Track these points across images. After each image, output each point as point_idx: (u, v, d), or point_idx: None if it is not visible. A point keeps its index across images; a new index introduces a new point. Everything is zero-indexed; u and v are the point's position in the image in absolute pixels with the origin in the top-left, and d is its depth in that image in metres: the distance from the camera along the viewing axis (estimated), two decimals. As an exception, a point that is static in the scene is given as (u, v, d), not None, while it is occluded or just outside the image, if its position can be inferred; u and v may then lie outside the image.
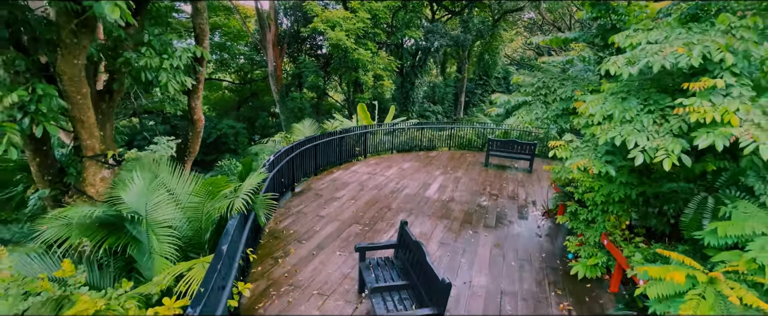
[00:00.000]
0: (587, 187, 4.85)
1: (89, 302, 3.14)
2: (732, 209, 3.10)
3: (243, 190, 4.38)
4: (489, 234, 6.43)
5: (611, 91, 3.34)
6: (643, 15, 4.56)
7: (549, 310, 4.39)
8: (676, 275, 2.80)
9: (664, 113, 2.89)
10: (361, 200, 7.81)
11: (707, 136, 2.42)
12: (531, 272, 5.24)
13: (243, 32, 25.89)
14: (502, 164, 11.57)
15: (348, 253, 5.50)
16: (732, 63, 2.60)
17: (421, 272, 3.73)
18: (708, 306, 2.65)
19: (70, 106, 4.61)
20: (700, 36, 2.81)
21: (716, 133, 2.38)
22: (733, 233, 2.82)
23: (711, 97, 2.59)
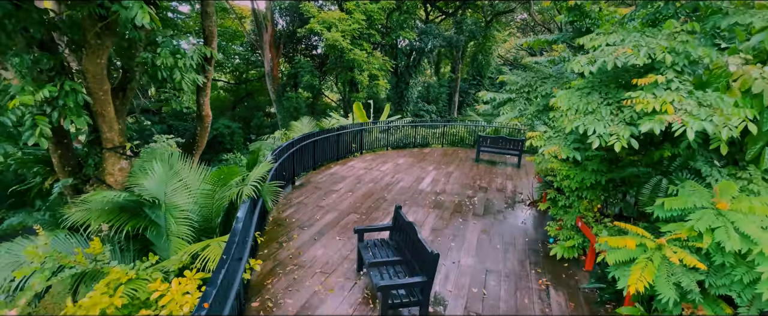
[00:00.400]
0: (564, 175, 5.34)
1: (120, 273, 3.56)
2: (680, 188, 3.60)
3: (251, 179, 4.82)
4: (477, 222, 6.92)
5: (578, 87, 3.82)
6: (613, 20, 5.07)
7: (529, 285, 4.87)
8: (628, 242, 3.30)
9: (619, 105, 3.37)
10: (358, 192, 8.27)
11: (649, 122, 2.91)
12: (514, 253, 5.73)
13: (239, 32, 26.23)
14: (492, 160, 12.08)
15: (347, 238, 5.95)
16: (672, 62, 3.09)
17: (413, 248, 4.20)
18: (654, 267, 3.15)
19: (93, 102, 5.03)
20: (649, 39, 3.30)
21: (654, 120, 2.87)
22: (677, 207, 3.32)
23: (654, 91, 3.08)
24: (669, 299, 3.08)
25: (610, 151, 4.92)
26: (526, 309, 4.37)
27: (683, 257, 3.07)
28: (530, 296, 4.64)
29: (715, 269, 3.26)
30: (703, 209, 3.26)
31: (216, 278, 2.86)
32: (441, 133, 14.63)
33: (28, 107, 4.27)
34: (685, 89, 3.07)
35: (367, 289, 4.61)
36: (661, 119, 2.83)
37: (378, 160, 11.44)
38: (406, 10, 21.51)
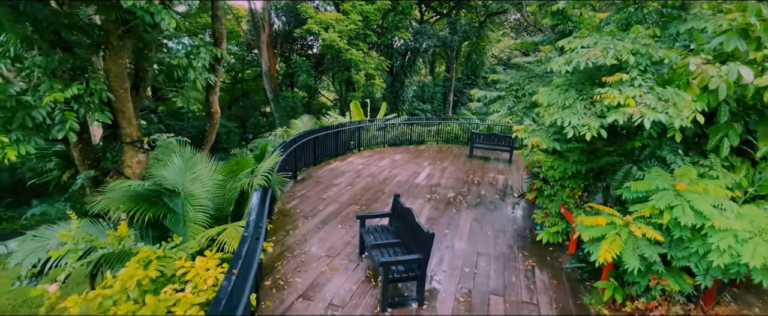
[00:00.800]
0: (548, 166, 5.81)
1: (148, 252, 3.96)
2: (646, 173, 4.07)
3: (262, 170, 5.23)
4: (470, 212, 7.38)
5: (557, 84, 4.28)
6: (592, 23, 5.54)
7: (516, 266, 5.34)
8: (600, 221, 3.76)
9: (591, 100, 3.83)
10: (357, 185, 8.70)
11: (614, 114, 3.37)
12: (504, 239, 6.20)
13: (236, 32, 26.50)
14: (485, 156, 12.56)
15: (348, 227, 6.38)
16: (636, 62, 3.56)
17: (410, 231, 4.64)
18: (622, 241, 3.62)
19: (115, 99, 5.41)
20: (617, 42, 3.76)
21: (618, 112, 3.32)
22: (642, 189, 3.79)
23: (620, 87, 3.53)
24: (634, 267, 3.54)
25: (589, 143, 5.41)
26: (513, 286, 4.83)
27: (646, 232, 3.54)
28: (517, 275, 5.10)
29: (675, 242, 3.73)
30: (665, 191, 3.73)
31: (240, 250, 3.28)
32: (436, 131, 15.10)
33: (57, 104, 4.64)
34: (646, 86, 3.54)
35: (368, 269, 5.04)
36: (623, 112, 3.29)
37: (375, 156, 11.87)
38: (401, 11, 21.95)
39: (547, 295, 4.66)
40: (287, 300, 4.30)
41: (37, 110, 4.39)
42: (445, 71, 32.62)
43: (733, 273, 3.41)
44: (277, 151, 6.30)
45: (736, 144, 4.13)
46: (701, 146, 4.63)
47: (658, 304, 4.04)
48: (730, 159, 4.47)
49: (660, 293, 4.05)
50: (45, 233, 4.77)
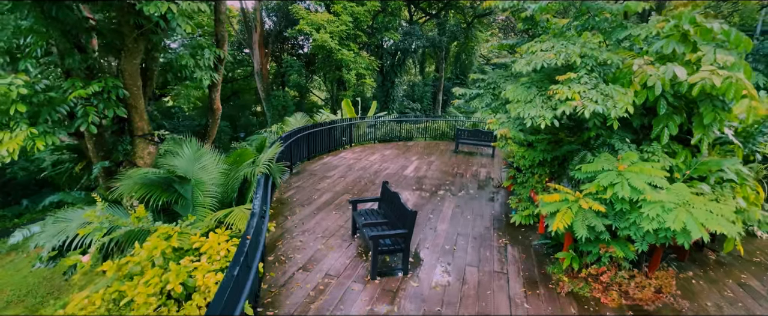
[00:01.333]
0: (520, 155, 6.50)
1: (167, 228, 4.53)
2: (597, 158, 4.77)
3: (264, 159, 5.82)
4: (453, 199, 8.05)
5: (522, 82, 4.95)
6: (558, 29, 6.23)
7: (491, 243, 6.02)
8: (555, 197, 4.45)
9: (548, 96, 4.50)
10: (349, 177, 9.32)
11: (563, 106, 4.04)
12: (481, 222, 6.88)
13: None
14: (470, 151, 13.27)
15: (341, 213, 6.99)
16: (583, 63, 4.24)
17: (397, 211, 5.28)
18: (572, 213, 4.30)
19: (129, 95, 5.93)
20: (568, 46, 4.44)
21: (566, 105, 4.00)
22: (590, 170, 4.48)
23: (570, 84, 4.22)
24: (583, 235, 4.23)
25: (554, 134, 6.12)
26: (487, 260, 5.50)
27: (591, 205, 4.23)
28: (491, 251, 5.78)
29: (617, 215, 4.43)
30: (609, 171, 4.43)
31: (251, 221, 3.87)
32: (424, 128, 15.78)
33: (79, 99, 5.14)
34: (591, 83, 4.22)
35: (359, 247, 5.67)
36: (570, 104, 3.97)
37: (366, 151, 12.50)
38: (390, 12, 22.58)
39: (515, 266, 5.35)
40: (288, 271, 4.91)
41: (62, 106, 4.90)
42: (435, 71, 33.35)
43: (662, 237, 4.11)
44: (277, 142, 6.88)
45: (675, 133, 4.84)
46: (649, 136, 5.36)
47: (607, 269, 4.75)
48: (672, 146, 5.20)
49: (609, 259, 4.76)
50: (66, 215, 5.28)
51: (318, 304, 4.26)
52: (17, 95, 4.46)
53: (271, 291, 4.47)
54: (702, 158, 5.06)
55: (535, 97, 4.61)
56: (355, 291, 4.55)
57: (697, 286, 5.07)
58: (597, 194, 4.41)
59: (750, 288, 5.17)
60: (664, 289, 4.73)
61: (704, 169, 4.89)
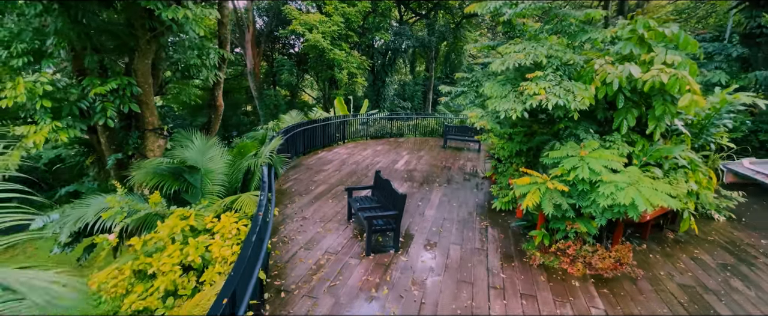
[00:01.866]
0: (500, 147, 7.14)
1: (182, 211, 5.06)
2: (564, 146, 5.42)
3: (266, 151, 6.36)
4: (440, 189, 8.67)
5: (498, 80, 5.58)
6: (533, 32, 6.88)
7: (473, 226, 6.65)
8: (526, 179, 5.09)
9: (519, 92, 5.13)
10: (343, 170, 9.88)
11: (531, 100, 4.67)
12: (466, 208, 7.51)
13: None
14: (458, 147, 13.93)
15: (337, 202, 7.56)
16: (549, 63, 4.87)
17: (388, 196, 5.87)
18: (541, 193, 4.94)
19: (141, 92, 6.41)
20: (538, 48, 5.07)
21: (533, 98, 4.63)
22: (557, 155, 5.13)
23: (537, 82, 4.85)
24: (550, 212, 4.87)
25: (529, 127, 6.77)
26: (469, 239, 6.13)
27: (557, 186, 4.87)
28: (473, 232, 6.41)
29: (580, 195, 5.08)
30: (572, 157, 5.07)
31: (262, 202, 4.43)
32: (414, 125, 16.40)
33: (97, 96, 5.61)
34: (556, 80, 4.87)
35: (355, 230, 6.25)
36: (536, 98, 4.60)
37: (359, 147, 13.07)
38: (381, 13, 23.17)
39: (494, 244, 5.98)
40: (292, 250, 5.47)
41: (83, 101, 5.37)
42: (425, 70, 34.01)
43: (616, 212, 4.77)
44: (279, 135, 7.42)
45: (634, 124, 5.51)
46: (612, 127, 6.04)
47: (573, 243, 5.41)
48: (632, 136, 5.87)
49: (574, 235, 5.42)
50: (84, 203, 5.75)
51: (319, 275, 4.83)
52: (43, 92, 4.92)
53: (278, 266, 5.03)
54: (656, 146, 5.75)
55: (509, 93, 5.24)
56: (352, 265, 5.13)
57: (653, 259, 5.76)
58: (562, 176, 5.06)
59: (701, 261, 5.86)
60: (623, 260, 5.40)
61: (658, 155, 5.58)
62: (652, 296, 4.77)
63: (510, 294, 4.65)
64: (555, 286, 4.88)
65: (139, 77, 6.29)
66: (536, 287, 4.85)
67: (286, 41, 27.91)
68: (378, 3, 22.15)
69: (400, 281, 4.82)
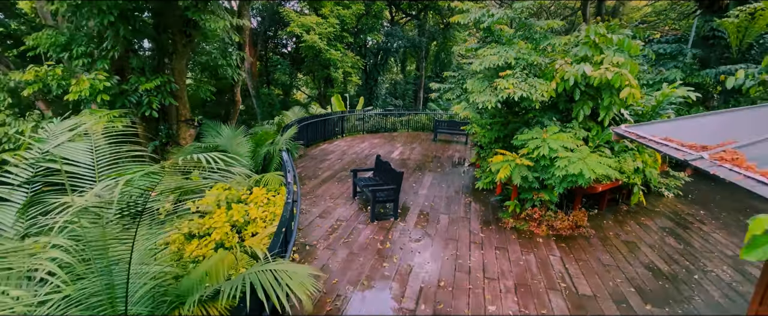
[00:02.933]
0: (481, 135, 8.38)
1: (223, 184, 6.17)
2: (531, 131, 6.66)
3: (284, 139, 7.49)
4: (431, 174, 9.89)
5: (477, 78, 6.80)
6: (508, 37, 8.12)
7: (459, 200, 7.87)
8: (499, 158, 6.32)
9: (494, 87, 6.35)
10: (345, 159, 11.04)
11: (502, 93, 5.89)
12: (453, 188, 8.74)
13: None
14: (447, 140, 15.18)
15: (342, 184, 8.72)
16: (517, 64, 6.10)
17: (388, 174, 7.06)
18: (511, 168, 6.17)
19: (178, 88, 7.48)
20: (509, 52, 6.29)
21: (504, 92, 5.85)
22: (524, 138, 6.37)
23: (507, 78, 6.07)
24: (518, 182, 6.11)
25: (505, 118, 8.01)
26: (455, 211, 7.34)
27: (523, 162, 6.11)
28: (458, 205, 7.64)
29: (542, 168, 6.33)
30: (536, 139, 6.32)
31: (287, 178, 5.57)
32: (407, 121, 17.61)
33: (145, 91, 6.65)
34: (522, 77, 6.10)
35: (360, 204, 7.42)
36: (506, 91, 5.83)
37: (357, 140, 14.23)
38: (374, 15, 24.32)
39: (476, 214, 7.21)
40: (309, 219, 6.63)
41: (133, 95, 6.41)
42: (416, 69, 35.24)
43: (569, 181, 6.02)
44: (294, 125, 8.55)
45: (589, 113, 6.77)
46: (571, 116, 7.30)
47: (538, 210, 6.65)
48: (588, 123, 7.14)
49: (540, 203, 6.67)
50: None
51: (335, 235, 6.00)
52: (103, 87, 5.95)
53: (300, 229, 6.18)
54: (607, 131, 7.03)
55: (486, 88, 6.46)
56: (360, 228, 6.31)
57: (605, 224, 7.04)
58: (528, 154, 6.30)
59: (645, 225, 7.16)
60: (579, 223, 6.67)
61: (607, 138, 6.86)
62: (600, 248, 6.04)
63: (486, 247, 5.88)
64: (523, 242, 6.13)
65: (176, 75, 7.34)
66: (508, 242, 6.08)
67: (279, 41, 28.79)
68: (371, 5, 23.28)
69: (400, 238, 6.01)
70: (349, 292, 4.53)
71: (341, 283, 4.71)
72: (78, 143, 3.83)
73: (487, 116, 7.54)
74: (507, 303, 4.43)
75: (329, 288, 4.59)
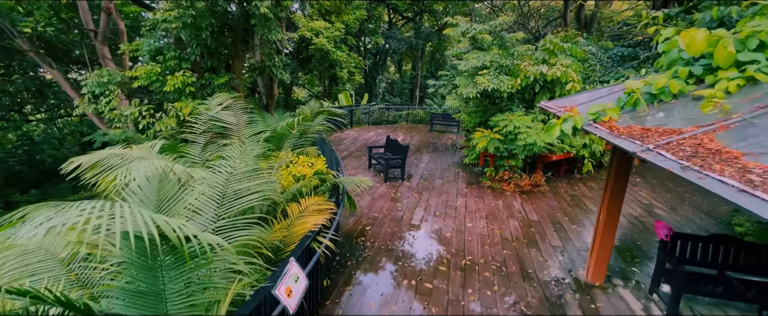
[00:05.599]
0: (467, 121, 10.71)
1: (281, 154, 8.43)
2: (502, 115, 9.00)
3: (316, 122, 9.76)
4: (428, 155, 12.23)
5: (464, 76, 9.13)
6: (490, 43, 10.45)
7: (450, 170, 10.21)
8: (479, 134, 8.68)
9: (475, 82, 8.67)
10: (357, 143, 13.36)
11: (480, 86, 8.21)
12: (446, 163, 11.08)
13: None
14: (441, 130, 17.52)
15: (357, 160, 11.02)
16: (491, 65, 8.43)
17: (396, 148, 9.37)
18: (487, 140, 8.52)
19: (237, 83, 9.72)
20: (485, 56, 8.62)
21: (481, 85, 8.17)
22: (496, 120, 8.72)
23: (484, 76, 8.39)
24: (492, 151, 8.45)
25: (485, 107, 10.35)
26: (447, 177, 9.68)
27: (495, 136, 8.46)
28: (450, 174, 9.97)
29: (510, 141, 8.68)
30: (505, 119, 8.66)
31: (326, 149, 7.86)
32: (406, 115, 19.93)
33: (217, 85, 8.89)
34: (494, 75, 8.43)
35: (374, 172, 9.73)
36: (482, 85, 8.16)
37: (364, 130, 16.54)
38: (374, 20, 26.62)
39: (462, 179, 9.56)
40: (339, 180, 8.93)
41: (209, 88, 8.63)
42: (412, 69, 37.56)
43: (528, 149, 8.36)
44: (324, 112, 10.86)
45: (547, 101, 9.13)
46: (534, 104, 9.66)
47: (508, 173, 9.00)
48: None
49: (509, 168, 9.02)
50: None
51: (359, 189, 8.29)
52: (190, 82, 8.15)
53: (334, 186, 8.47)
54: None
55: (470, 83, 8.80)
56: (377, 185, 8.62)
57: (559, 185, 9.40)
58: (499, 131, 8.65)
59: (589, 187, 9.52)
60: (538, 182, 9.02)
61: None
62: (551, 198, 8.39)
63: (469, 197, 8.21)
64: (495, 194, 8.47)
65: (236, 74, 9.55)
66: (484, 194, 8.43)
67: (278, 42, 30.74)
68: (373, 11, 25.56)
69: (406, 192, 8.33)
70: (375, 217, 6.85)
71: (370, 213, 7.03)
72: (226, 111, 6.10)
73: (472, 106, 9.87)
74: (479, 223, 6.76)
75: (362, 215, 6.91)
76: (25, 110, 22.34)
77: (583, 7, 25.95)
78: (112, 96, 8.45)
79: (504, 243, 5.99)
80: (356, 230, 6.38)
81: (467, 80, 9.04)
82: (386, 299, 4.41)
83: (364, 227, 6.47)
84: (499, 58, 8.67)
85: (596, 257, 4.96)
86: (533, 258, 5.54)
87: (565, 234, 6.42)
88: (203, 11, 7.38)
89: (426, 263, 5.33)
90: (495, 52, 8.84)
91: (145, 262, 2.56)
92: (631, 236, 6.40)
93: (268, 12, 7.90)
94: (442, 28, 34.21)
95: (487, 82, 8.25)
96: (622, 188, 4.81)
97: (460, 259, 5.44)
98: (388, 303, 4.34)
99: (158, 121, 8.41)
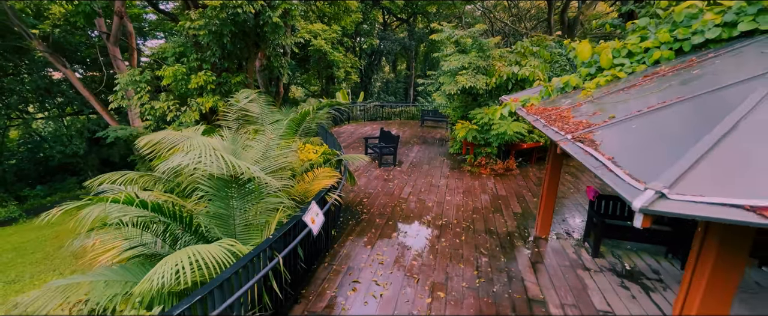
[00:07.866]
0: (452, 114, 12.17)
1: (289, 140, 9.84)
2: (480, 109, 10.45)
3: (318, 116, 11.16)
4: (420, 145, 13.68)
5: (447, 75, 10.56)
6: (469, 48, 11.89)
7: (437, 159, 11.66)
8: (459, 126, 10.13)
9: (456, 81, 10.09)
10: (354, 136, 14.78)
11: (460, 83, 9.64)
12: (433, 153, 12.53)
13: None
14: (431, 126, 18.98)
15: (355, 150, 12.43)
16: (470, 66, 9.87)
17: (389, 138, 10.80)
18: (466, 130, 9.98)
19: (250, 82, 11.08)
20: (465, 58, 10.05)
21: (460, 83, 9.60)
22: (473, 113, 10.17)
23: (463, 75, 9.82)
24: (471, 139, 9.91)
25: (467, 102, 11.82)
26: (433, 163, 11.13)
27: (473, 127, 9.91)
28: (436, 161, 11.43)
29: (485, 131, 10.14)
30: (482, 113, 10.12)
31: (325, 137, 9.28)
32: (399, 112, 21.36)
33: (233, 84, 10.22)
34: (472, 74, 9.87)
35: (370, 159, 11.15)
36: (460, 83, 9.60)
37: (360, 125, 17.96)
38: (370, 22, 28.03)
39: (446, 165, 11.01)
40: (339, 165, 10.35)
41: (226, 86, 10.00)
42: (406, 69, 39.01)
43: (500, 138, 9.82)
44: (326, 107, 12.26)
45: (519, 99, 10.61)
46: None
47: (485, 160, 10.47)
48: (520, 106, 10.98)
49: (486, 155, 10.49)
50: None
51: (358, 172, 9.72)
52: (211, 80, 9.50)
53: (335, 169, 9.90)
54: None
55: (452, 81, 10.25)
56: (373, 170, 10.04)
57: (529, 170, 10.88)
58: (476, 122, 10.11)
59: (557, 172, 10.99)
60: (510, 167, 10.49)
61: (529, 114, 10.70)
62: (520, 179, 9.86)
63: (450, 179, 9.66)
64: (473, 176, 9.93)
65: (249, 74, 10.90)
66: (463, 176, 9.89)
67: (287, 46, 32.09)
68: (368, 14, 26.97)
69: (398, 175, 9.77)
70: (370, 192, 8.28)
71: (366, 189, 8.46)
72: (252, 103, 7.48)
73: (456, 102, 11.32)
74: (456, 197, 8.20)
75: (359, 191, 8.34)
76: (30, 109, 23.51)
77: (567, 10, 27.50)
78: (142, 92, 9.78)
79: (474, 210, 7.45)
80: (355, 201, 7.81)
81: (450, 79, 10.49)
82: (379, 244, 5.85)
83: (362, 199, 7.90)
84: (476, 60, 10.13)
85: (542, 216, 6.41)
86: (496, 220, 6.99)
87: (526, 205, 7.88)
88: (225, 20, 8.73)
89: (412, 222, 6.77)
90: (474, 54, 10.30)
91: (223, 193, 3.98)
92: (584, 204, 7.89)
93: (279, 21, 9.27)
94: (433, 31, 35.64)
95: (465, 81, 9.70)
96: (559, 159, 6.24)
97: (438, 220, 6.89)
98: (380, 246, 5.77)
99: (182, 114, 9.77)
